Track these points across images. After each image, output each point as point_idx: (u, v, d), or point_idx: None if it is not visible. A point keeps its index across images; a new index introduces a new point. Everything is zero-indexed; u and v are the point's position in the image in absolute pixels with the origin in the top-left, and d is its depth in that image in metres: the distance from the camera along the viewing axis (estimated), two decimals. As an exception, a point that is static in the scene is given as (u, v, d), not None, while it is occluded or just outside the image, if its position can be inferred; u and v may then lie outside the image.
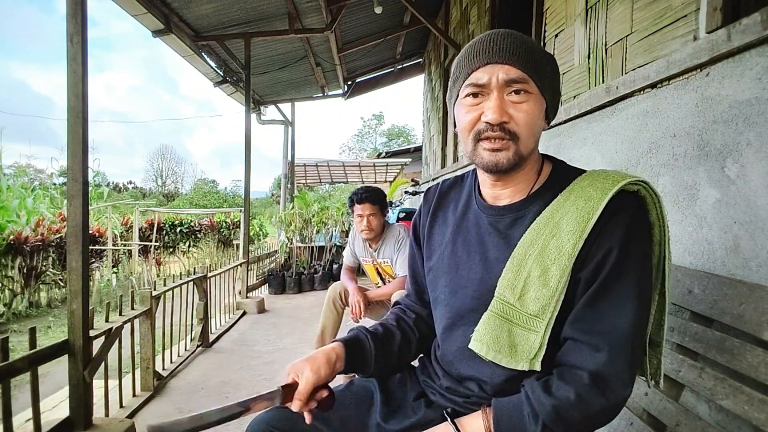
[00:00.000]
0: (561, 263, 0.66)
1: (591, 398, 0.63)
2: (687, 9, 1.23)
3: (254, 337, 3.51)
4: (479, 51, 0.71)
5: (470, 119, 0.72)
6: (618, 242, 0.65)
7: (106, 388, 2.04)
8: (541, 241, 0.69)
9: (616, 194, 0.67)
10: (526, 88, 0.70)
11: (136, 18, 3.57)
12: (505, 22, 3.36)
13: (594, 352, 0.64)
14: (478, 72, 0.71)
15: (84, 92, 1.72)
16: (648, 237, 0.70)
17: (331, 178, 12.97)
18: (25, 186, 7.79)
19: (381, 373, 0.89)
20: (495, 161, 0.71)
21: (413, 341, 0.91)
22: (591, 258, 0.67)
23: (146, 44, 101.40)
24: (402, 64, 7.81)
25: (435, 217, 0.90)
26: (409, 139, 38.67)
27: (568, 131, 1.89)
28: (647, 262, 0.69)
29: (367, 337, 0.86)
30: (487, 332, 0.71)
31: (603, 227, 0.66)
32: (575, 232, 0.66)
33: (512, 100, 0.70)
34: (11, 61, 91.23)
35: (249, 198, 4.84)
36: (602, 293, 0.66)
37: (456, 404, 0.79)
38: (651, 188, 0.69)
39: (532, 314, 0.68)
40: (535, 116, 0.71)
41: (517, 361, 0.68)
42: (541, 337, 0.67)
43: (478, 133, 0.72)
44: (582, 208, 0.67)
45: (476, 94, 0.72)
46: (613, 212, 0.66)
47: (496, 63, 0.70)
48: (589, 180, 0.71)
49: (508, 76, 0.69)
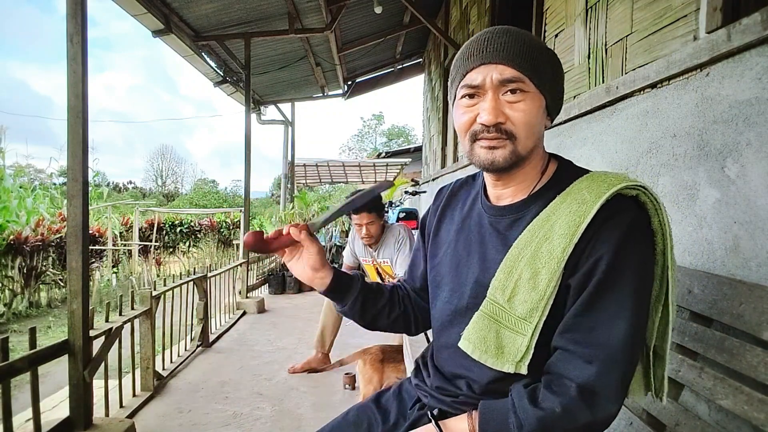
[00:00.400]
0: (551, 267, 0.65)
1: (577, 412, 0.61)
2: (687, 9, 1.23)
3: (254, 337, 3.51)
4: (473, 51, 0.71)
5: (466, 120, 0.72)
6: (611, 249, 0.63)
7: (106, 388, 2.04)
8: (535, 244, 0.67)
9: (612, 198, 0.65)
10: (521, 87, 0.68)
11: (136, 18, 3.57)
12: (505, 22, 3.36)
13: (585, 364, 0.63)
14: (472, 73, 0.70)
15: (84, 92, 1.72)
16: (647, 244, 0.67)
17: (331, 178, 12.98)
18: (25, 186, 7.79)
19: (353, 315, 0.90)
20: (491, 159, 0.70)
21: (395, 311, 0.93)
22: (582, 264, 0.65)
23: (146, 44, 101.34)
24: (402, 64, 7.81)
25: (443, 215, 0.90)
26: (409, 139, 38.67)
27: (568, 131, 1.89)
28: (646, 271, 0.66)
29: (359, 281, 0.89)
30: (475, 332, 0.71)
31: (596, 233, 0.64)
32: (566, 236, 0.64)
33: (508, 99, 0.69)
34: (11, 61, 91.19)
35: (249, 198, 4.84)
36: (595, 303, 0.64)
37: (444, 404, 0.79)
38: (651, 193, 0.67)
39: (520, 317, 0.67)
40: (533, 115, 0.69)
41: (503, 362, 0.68)
42: (528, 340, 0.66)
43: (474, 134, 0.71)
44: (575, 211, 0.65)
45: (471, 95, 0.71)
46: (608, 217, 0.64)
47: (490, 63, 0.69)
48: (587, 182, 0.69)
49: (502, 75, 0.68)
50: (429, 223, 0.93)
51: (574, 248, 0.64)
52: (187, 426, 2.09)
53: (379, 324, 0.93)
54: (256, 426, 2.09)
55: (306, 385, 2.57)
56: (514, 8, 3.29)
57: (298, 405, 2.31)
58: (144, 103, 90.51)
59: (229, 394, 2.44)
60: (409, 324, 0.96)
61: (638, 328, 0.64)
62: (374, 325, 0.93)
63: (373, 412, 0.90)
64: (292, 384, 2.58)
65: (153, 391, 2.38)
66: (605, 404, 0.62)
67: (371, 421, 0.89)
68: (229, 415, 2.19)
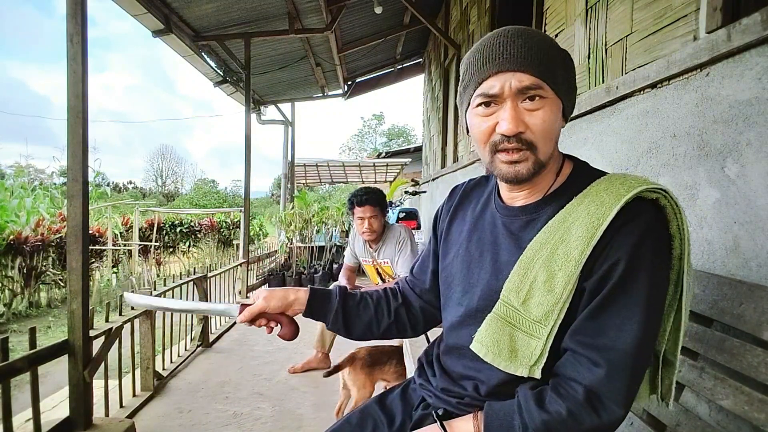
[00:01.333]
0: (567, 270, 0.64)
1: (583, 417, 0.61)
2: (687, 9, 1.23)
3: (254, 337, 3.50)
4: (488, 57, 0.68)
5: (484, 130, 0.69)
6: (627, 253, 0.62)
7: (106, 388, 2.04)
8: (551, 246, 0.66)
9: (631, 201, 0.63)
10: (540, 94, 0.66)
11: (136, 18, 3.57)
12: (505, 22, 3.36)
13: (592, 367, 0.62)
14: (488, 81, 0.68)
15: (84, 92, 1.72)
16: (664, 249, 0.65)
17: (331, 178, 12.97)
18: (24, 186, 7.79)
19: (339, 331, 0.91)
20: (515, 173, 0.69)
21: (384, 321, 0.93)
22: (598, 268, 0.63)
23: (145, 44, 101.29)
24: (402, 64, 7.81)
25: (455, 215, 0.89)
26: (409, 139, 38.66)
27: (568, 131, 1.89)
28: (661, 277, 0.64)
29: (338, 295, 0.90)
30: (488, 334, 0.70)
31: (614, 236, 0.63)
32: (584, 238, 0.63)
33: (527, 107, 0.67)
34: (8, 61, 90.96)
35: (249, 198, 4.84)
36: (607, 306, 0.63)
37: (449, 405, 0.79)
38: (672, 197, 0.65)
39: (535, 320, 0.66)
40: (552, 121, 0.68)
41: (516, 366, 0.67)
42: (543, 343, 0.65)
43: (495, 145, 0.69)
44: (593, 213, 0.64)
45: (488, 103, 0.69)
46: (626, 221, 0.63)
47: (508, 71, 0.66)
48: (605, 184, 0.67)
49: (521, 84, 0.66)
50: (441, 222, 0.92)
51: (592, 251, 0.63)
52: (187, 426, 2.09)
53: (369, 337, 0.93)
54: (256, 426, 2.09)
55: (306, 385, 2.57)
56: (514, 8, 3.28)
57: (299, 405, 2.31)
58: (142, 102, 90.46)
59: (229, 394, 2.44)
60: (404, 331, 0.95)
61: (649, 333, 0.62)
62: (365, 338, 0.93)
63: (377, 413, 0.89)
64: (292, 384, 2.58)
65: (153, 391, 2.38)
66: (612, 408, 0.61)
67: (376, 423, 0.88)
68: (229, 415, 2.19)
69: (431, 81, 6.58)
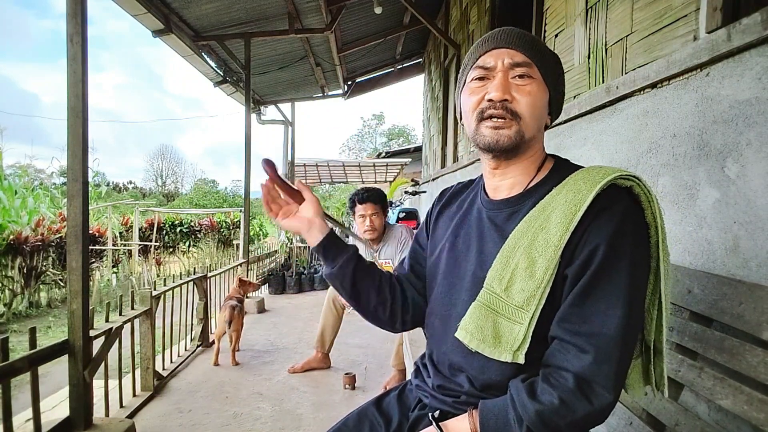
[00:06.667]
0: (547, 255, 0.66)
1: (575, 404, 0.62)
2: (687, 9, 1.23)
3: (254, 337, 3.50)
4: (486, 39, 0.77)
5: (475, 99, 0.75)
6: (606, 239, 0.64)
7: (106, 388, 2.04)
8: (531, 234, 0.68)
9: (607, 189, 0.66)
10: (529, 73, 0.73)
11: (136, 18, 3.56)
12: (506, 22, 3.36)
13: (580, 354, 0.63)
14: (485, 56, 0.75)
15: (84, 92, 1.73)
16: (642, 235, 0.67)
17: (331, 178, 12.97)
18: (26, 186, 7.79)
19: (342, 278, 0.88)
20: (496, 138, 0.72)
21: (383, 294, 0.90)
22: (578, 254, 0.65)
23: (141, 43, 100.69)
24: (402, 64, 7.81)
25: (441, 214, 0.93)
26: (409, 139, 38.62)
27: (568, 131, 1.89)
28: (640, 262, 0.66)
29: (354, 250, 0.89)
30: (472, 321, 0.71)
31: (592, 221, 0.65)
32: (562, 224, 0.65)
33: (516, 83, 0.73)
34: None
35: (249, 198, 4.84)
36: (589, 292, 0.64)
37: (446, 404, 0.79)
38: (645, 185, 0.68)
39: (517, 306, 0.68)
40: (538, 99, 0.73)
41: (500, 352, 0.68)
42: (525, 328, 0.67)
43: (481, 112, 0.74)
44: (571, 200, 0.66)
45: (482, 77, 0.75)
46: (603, 206, 0.65)
47: (503, 48, 0.74)
48: (582, 174, 0.70)
49: (513, 59, 0.73)
50: (429, 221, 0.96)
51: (571, 237, 0.65)
52: (187, 426, 2.09)
53: (363, 301, 0.90)
54: (256, 426, 2.09)
55: (306, 385, 2.57)
56: (514, 8, 3.29)
57: (298, 405, 2.31)
58: (133, 101, 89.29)
59: (229, 394, 2.44)
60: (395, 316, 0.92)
61: (633, 318, 0.64)
62: (359, 299, 0.90)
63: (374, 416, 0.90)
64: (292, 384, 2.58)
65: (153, 391, 2.38)
66: (602, 394, 0.62)
67: (373, 424, 0.88)
68: (229, 415, 2.19)
69: (431, 81, 6.58)
